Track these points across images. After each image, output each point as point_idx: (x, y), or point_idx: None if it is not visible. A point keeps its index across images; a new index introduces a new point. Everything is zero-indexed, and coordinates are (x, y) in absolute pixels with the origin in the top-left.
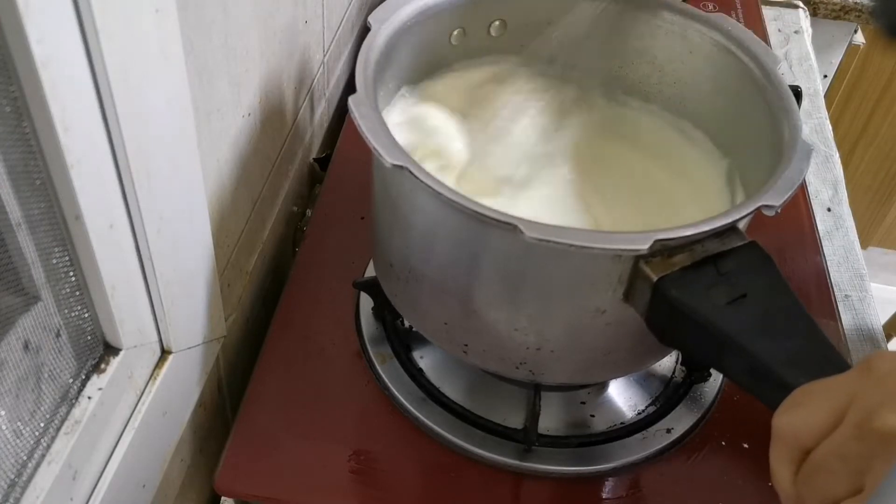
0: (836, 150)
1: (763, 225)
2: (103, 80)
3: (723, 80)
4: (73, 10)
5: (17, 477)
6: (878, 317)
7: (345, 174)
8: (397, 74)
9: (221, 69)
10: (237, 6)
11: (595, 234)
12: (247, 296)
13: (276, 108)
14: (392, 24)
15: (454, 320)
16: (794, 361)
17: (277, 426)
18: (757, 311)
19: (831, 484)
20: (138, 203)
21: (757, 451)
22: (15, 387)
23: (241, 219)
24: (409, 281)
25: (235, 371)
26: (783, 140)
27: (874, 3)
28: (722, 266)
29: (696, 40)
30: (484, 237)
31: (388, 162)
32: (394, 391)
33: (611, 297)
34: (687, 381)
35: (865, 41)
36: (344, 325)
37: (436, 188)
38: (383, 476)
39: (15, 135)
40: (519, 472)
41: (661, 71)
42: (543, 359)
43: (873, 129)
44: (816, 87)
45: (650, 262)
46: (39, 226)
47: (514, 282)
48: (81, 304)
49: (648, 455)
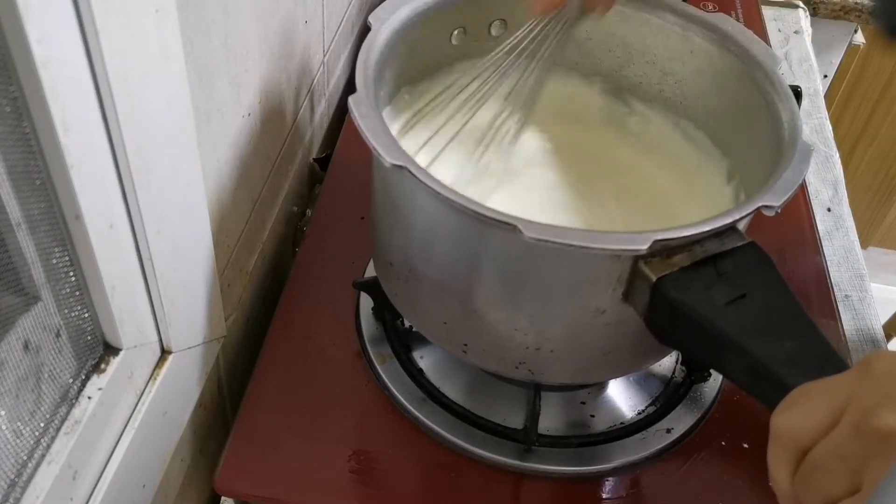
0: (836, 150)
1: (763, 225)
2: (103, 80)
3: (723, 81)
4: (73, 10)
5: (17, 477)
6: (878, 317)
7: (345, 174)
8: (398, 74)
9: (221, 69)
10: (237, 6)
11: (594, 235)
12: (247, 296)
13: (276, 108)
14: (392, 24)
15: (454, 320)
16: (793, 361)
17: (277, 426)
18: (756, 311)
19: (829, 483)
20: (138, 203)
21: (757, 451)
22: (15, 387)
23: (241, 219)
24: (409, 280)
25: (235, 371)
26: (783, 140)
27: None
28: (721, 266)
29: (697, 41)
30: (483, 237)
31: (387, 161)
32: (394, 391)
33: (610, 297)
34: (687, 381)
35: (865, 41)
36: (344, 325)
37: (435, 188)
38: (383, 476)
39: (15, 135)
40: (519, 472)
41: (661, 71)
42: (543, 358)
43: (873, 129)
44: (816, 87)
45: (649, 262)
46: (39, 226)
47: (514, 281)
48: (81, 304)
49: (648, 455)
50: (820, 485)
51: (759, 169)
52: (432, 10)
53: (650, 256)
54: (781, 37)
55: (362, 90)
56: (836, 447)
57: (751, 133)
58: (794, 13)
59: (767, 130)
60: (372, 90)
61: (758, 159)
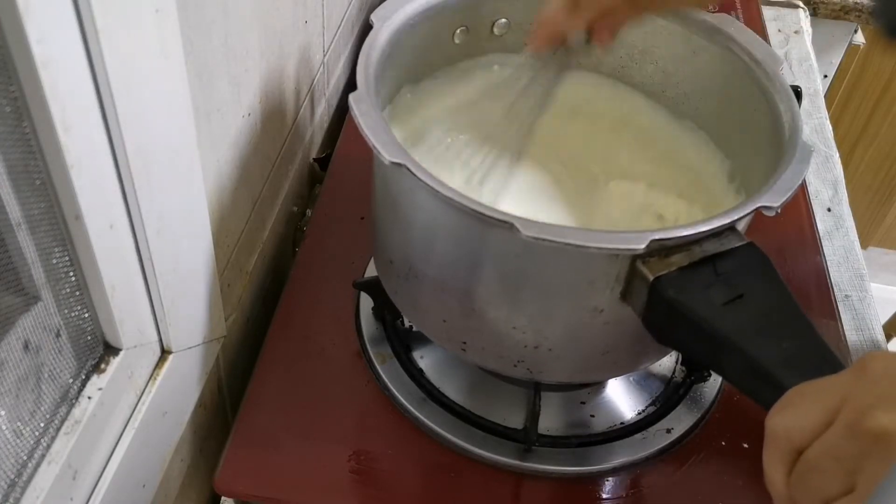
0: (836, 150)
1: (763, 225)
2: (103, 80)
3: (725, 81)
4: (73, 10)
5: (17, 477)
6: (878, 317)
7: (345, 174)
8: (399, 73)
9: (221, 69)
10: (237, 6)
11: (591, 234)
12: (247, 296)
13: (276, 108)
14: (394, 22)
15: (453, 318)
16: (790, 362)
17: (277, 426)
18: (753, 311)
19: (824, 484)
20: (138, 203)
21: (757, 452)
22: (15, 387)
23: (241, 219)
24: (408, 278)
25: (235, 371)
26: (784, 141)
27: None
28: (720, 266)
29: (700, 41)
30: (482, 235)
31: (387, 159)
32: (394, 391)
33: (608, 296)
34: (687, 381)
35: (865, 41)
36: (344, 325)
37: (434, 186)
38: (383, 476)
39: (15, 135)
40: (519, 472)
41: (664, 72)
42: (542, 357)
43: (873, 129)
44: (816, 87)
45: (647, 261)
46: (39, 226)
47: (513, 280)
48: (81, 304)
49: (648, 455)
50: (815, 485)
51: (760, 169)
52: (434, 9)
53: (648, 256)
54: (781, 37)
55: (363, 88)
56: (831, 447)
57: (752, 133)
58: (794, 13)
59: (768, 131)
60: (373, 89)
61: (759, 159)
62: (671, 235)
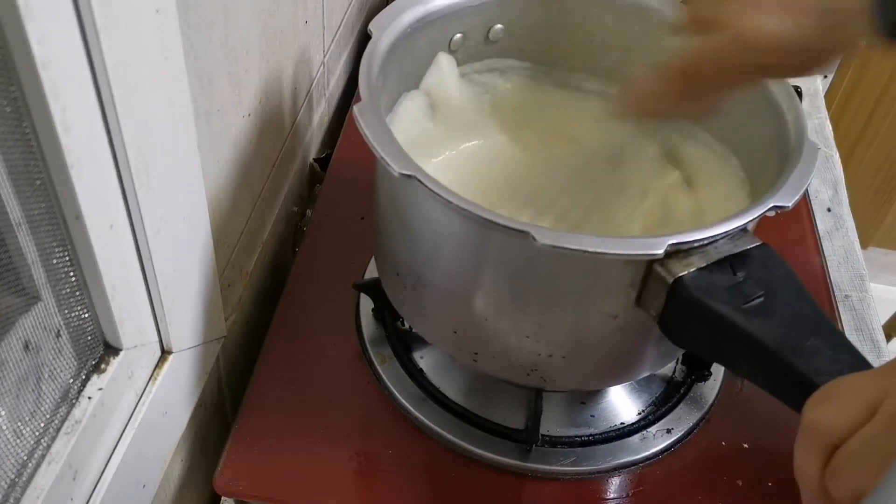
0: (836, 150)
1: (763, 225)
2: (103, 80)
3: None
4: (73, 10)
5: (17, 477)
6: (878, 317)
7: (345, 174)
8: (399, 80)
9: (221, 69)
10: (237, 6)
11: (609, 241)
12: (247, 296)
13: (276, 108)
14: (393, 32)
15: (464, 328)
16: (818, 359)
17: (277, 426)
18: (777, 311)
19: (860, 477)
20: (138, 203)
21: (757, 451)
22: (15, 387)
23: (241, 219)
24: (416, 289)
25: (235, 371)
26: (789, 140)
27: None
28: (737, 267)
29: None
30: (495, 245)
31: (396, 171)
32: (394, 391)
33: (623, 301)
34: (687, 381)
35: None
36: (344, 326)
37: (446, 197)
38: (383, 476)
39: (15, 135)
40: (520, 473)
41: None
42: (554, 365)
43: (873, 129)
44: (816, 87)
45: (665, 263)
46: (40, 226)
47: (525, 288)
48: (81, 304)
49: (648, 455)
50: (851, 478)
51: (766, 169)
52: (432, 17)
53: (665, 259)
54: None
55: (367, 99)
56: (871, 439)
57: (756, 134)
58: None
59: (773, 131)
60: (377, 98)
61: (764, 159)
62: (688, 239)
